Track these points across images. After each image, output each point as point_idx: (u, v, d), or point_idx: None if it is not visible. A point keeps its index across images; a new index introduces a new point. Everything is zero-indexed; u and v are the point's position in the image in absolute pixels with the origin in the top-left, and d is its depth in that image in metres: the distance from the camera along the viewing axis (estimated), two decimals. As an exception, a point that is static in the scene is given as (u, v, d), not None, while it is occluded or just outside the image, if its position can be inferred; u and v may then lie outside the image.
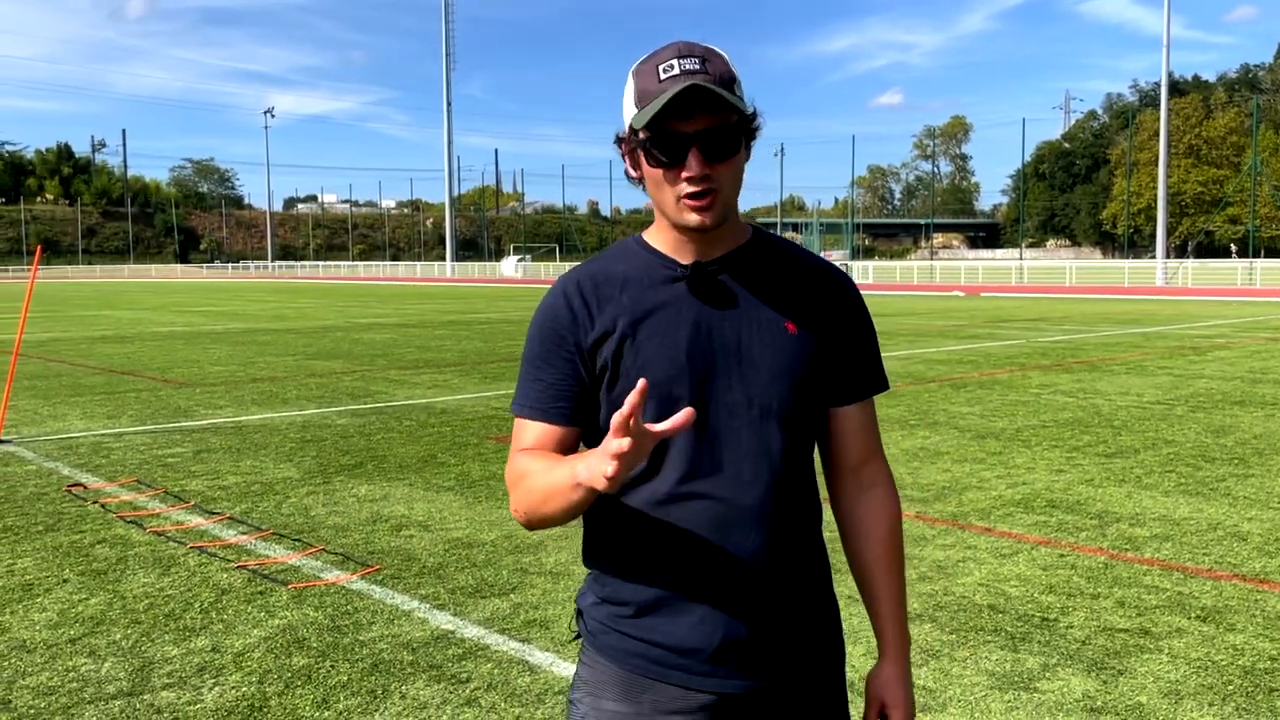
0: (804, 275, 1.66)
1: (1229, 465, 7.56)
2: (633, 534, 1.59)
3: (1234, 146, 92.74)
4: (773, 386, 1.58)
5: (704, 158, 1.50)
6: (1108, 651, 4.11)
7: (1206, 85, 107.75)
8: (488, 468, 7.70)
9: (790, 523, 1.61)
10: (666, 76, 1.49)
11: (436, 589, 4.96)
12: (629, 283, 1.61)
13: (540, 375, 1.61)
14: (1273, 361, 14.65)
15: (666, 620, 1.58)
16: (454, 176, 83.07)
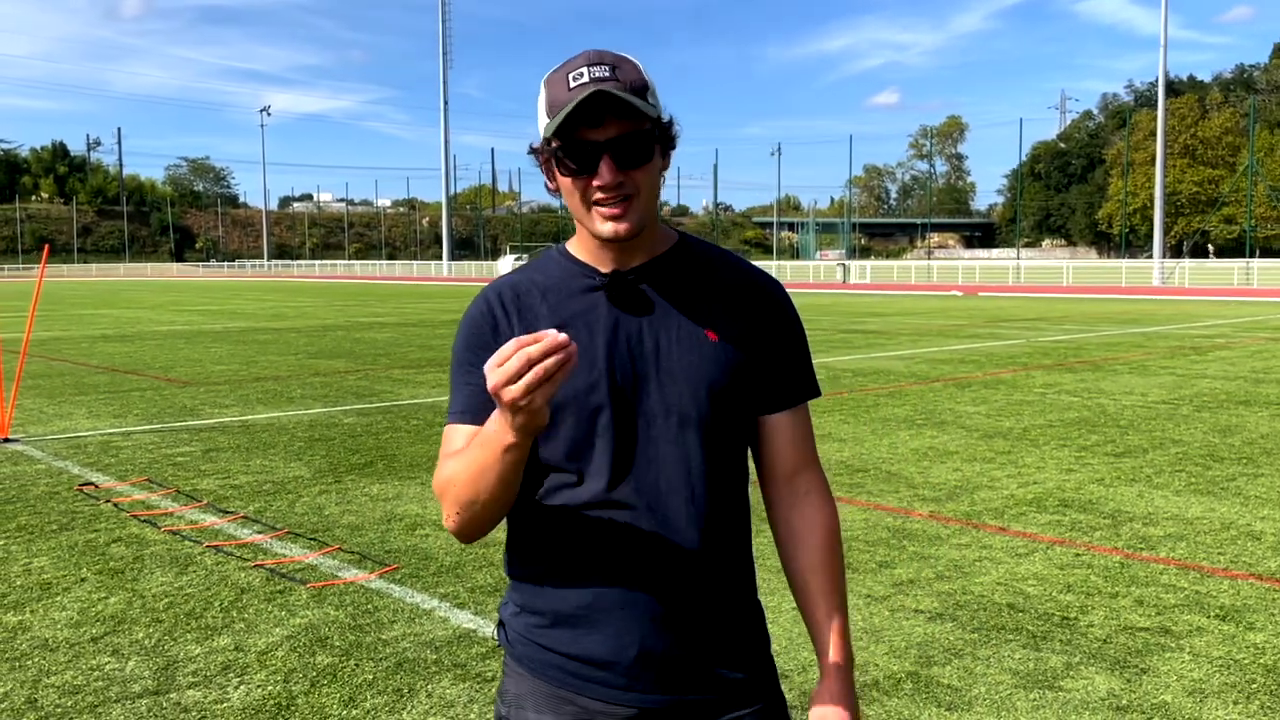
0: (729, 282, 1.63)
1: (1238, 465, 7.58)
2: (551, 543, 1.57)
3: (1229, 147, 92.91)
4: (691, 395, 1.55)
5: (616, 165, 1.49)
6: (1129, 650, 4.12)
7: (1202, 85, 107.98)
8: (498, 467, 7.69)
9: (712, 532, 1.57)
10: (576, 85, 1.48)
11: (455, 588, 4.96)
12: (549, 291, 1.60)
13: (469, 380, 1.58)
14: (1274, 361, 14.69)
15: (584, 632, 1.55)
16: (451, 175, 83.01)
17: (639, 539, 1.53)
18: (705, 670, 1.57)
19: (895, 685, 3.83)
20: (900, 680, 3.86)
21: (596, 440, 1.53)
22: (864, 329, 22.14)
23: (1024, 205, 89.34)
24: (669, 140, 1.56)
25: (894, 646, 4.19)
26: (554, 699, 1.58)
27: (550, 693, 1.58)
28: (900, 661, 4.03)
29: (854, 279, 54.63)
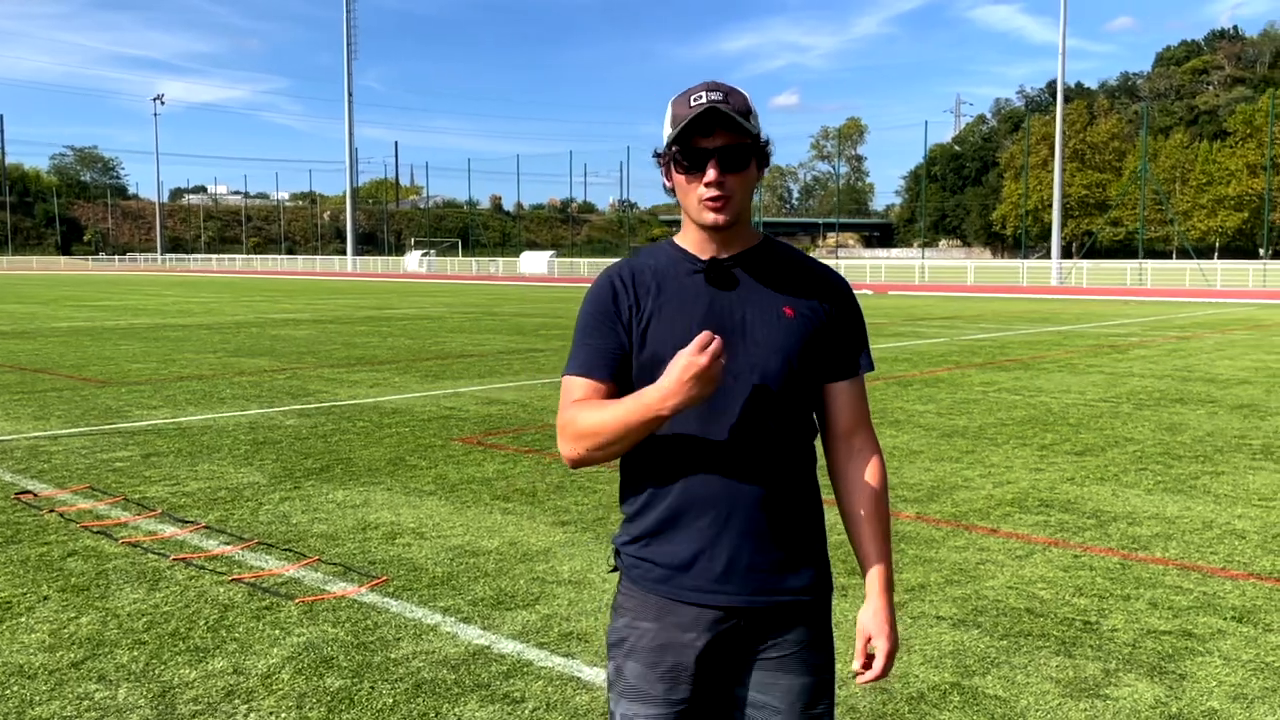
0: (804, 273, 1.99)
1: (1197, 463, 7.73)
2: (655, 476, 1.92)
3: (1116, 151, 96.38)
4: (769, 358, 1.90)
5: (720, 168, 1.86)
6: (1160, 655, 4.10)
7: (1089, 92, 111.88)
8: (463, 471, 7.43)
9: (782, 470, 1.92)
10: (695, 104, 1.86)
11: (456, 601, 4.72)
12: (659, 273, 1.96)
13: (590, 341, 1.94)
14: (1192, 359, 15.17)
15: (679, 546, 1.90)
16: (354, 169, 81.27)
17: (725, 469, 1.88)
18: (778, 578, 1.92)
19: (942, 697, 3.73)
20: (946, 692, 3.77)
21: None
22: (789, 327, 22.24)
23: (921, 206, 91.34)
24: (764, 156, 1.93)
25: (927, 656, 4.09)
26: (658, 609, 1.92)
27: (655, 604, 1.92)
28: (939, 672, 3.94)
29: (765, 277, 55.00)
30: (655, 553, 1.92)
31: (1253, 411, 10.22)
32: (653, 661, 1.92)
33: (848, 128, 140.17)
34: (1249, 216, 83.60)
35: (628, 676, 1.95)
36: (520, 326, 22.26)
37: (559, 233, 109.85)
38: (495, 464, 7.67)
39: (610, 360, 1.93)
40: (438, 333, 20.29)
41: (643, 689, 1.93)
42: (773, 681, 1.92)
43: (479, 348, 17.14)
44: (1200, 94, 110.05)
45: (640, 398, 1.79)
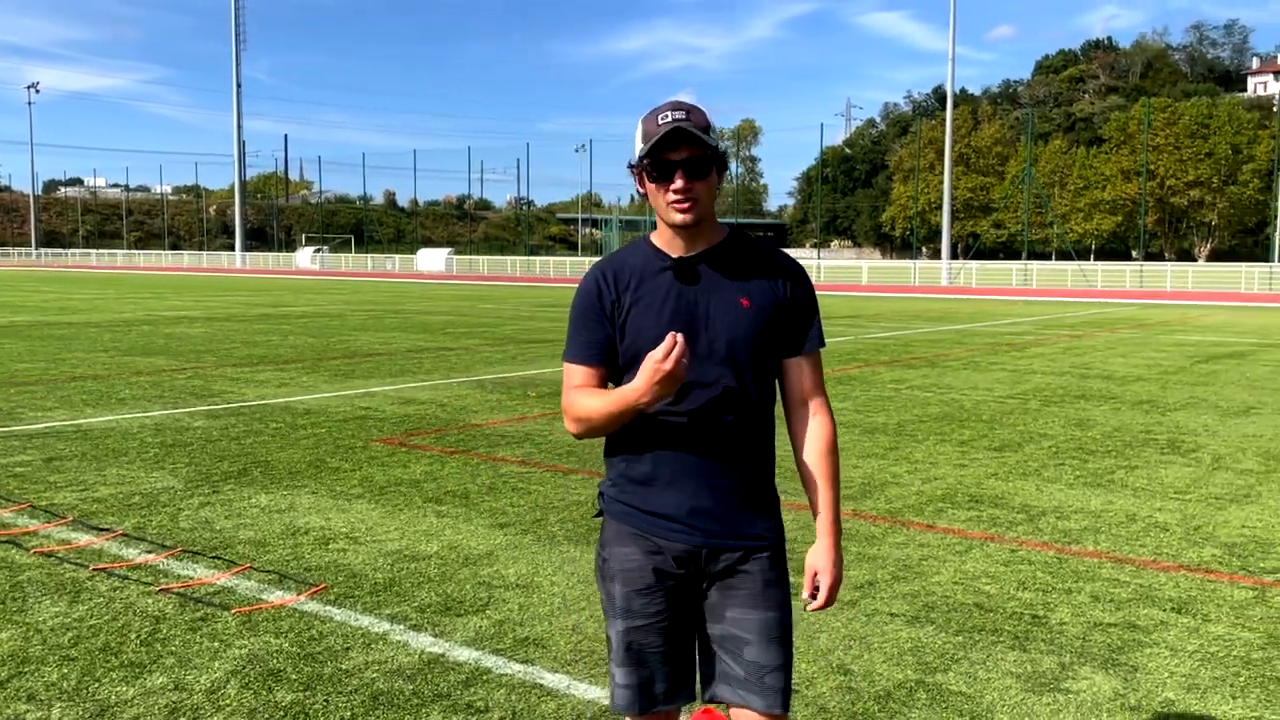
0: (762, 264, 2.31)
1: (1110, 458, 7.97)
2: (634, 440, 2.29)
3: (999, 156, 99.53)
4: (728, 343, 2.25)
5: (686, 176, 2.19)
6: (1110, 648, 4.19)
7: (973, 98, 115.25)
8: (389, 473, 7.23)
9: (741, 435, 2.27)
10: (663, 122, 2.18)
11: (402, 608, 4.56)
12: (636, 270, 2.30)
13: (581, 334, 2.32)
14: (1088, 357, 15.71)
15: (655, 493, 2.28)
16: (243, 162, 78.89)
17: (692, 434, 2.25)
18: (736, 525, 2.29)
19: (909, 695, 3.74)
20: (912, 689, 3.78)
21: None
22: (696, 326, 22.35)
23: (813, 208, 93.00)
24: (723, 163, 2.26)
25: (888, 654, 4.10)
26: (634, 538, 2.32)
27: (632, 534, 2.32)
28: (902, 670, 3.95)
29: (665, 276, 55.29)
30: (632, 497, 2.32)
31: (1153, 407, 10.60)
32: (630, 580, 2.30)
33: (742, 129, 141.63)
34: (1123, 220, 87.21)
35: (615, 597, 2.33)
36: (426, 325, 21.88)
37: (455, 229, 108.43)
38: (422, 465, 7.48)
39: (599, 349, 2.31)
40: (341, 331, 19.81)
41: (620, 604, 2.31)
42: (742, 616, 2.28)
43: (386, 346, 16.78)
44: (1077, 101, 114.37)
45: (622, 392, 2.17)
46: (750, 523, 2.30)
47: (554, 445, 8.28)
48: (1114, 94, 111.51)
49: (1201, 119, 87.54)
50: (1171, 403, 10.94)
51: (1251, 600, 4.76)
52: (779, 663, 2.28)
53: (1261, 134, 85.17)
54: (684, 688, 2.33)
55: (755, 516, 2.31)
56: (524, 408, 10.30)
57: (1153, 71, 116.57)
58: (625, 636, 2.30)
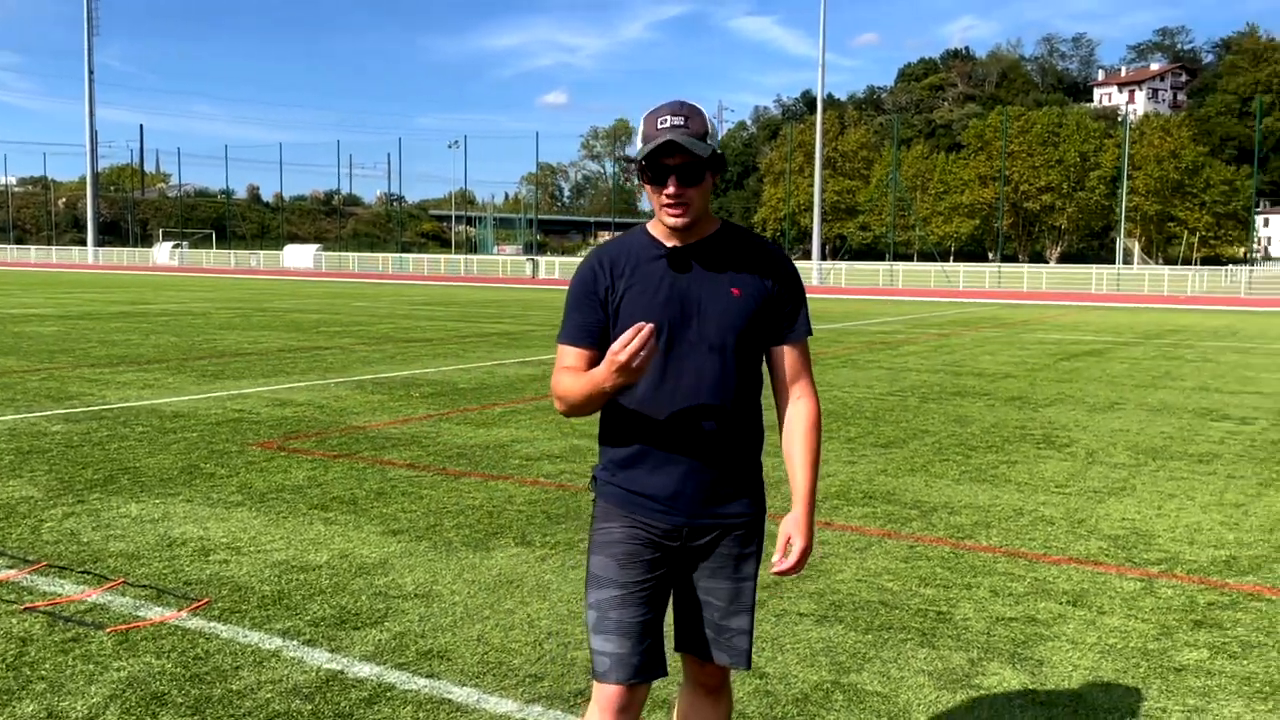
0: (752, 255, 2.41)
1: (991, 453, 8.18)
2: (626, 422, 2.42)
3: (864, 160, 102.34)
4: (718, 331, 2.35)
5: (679, 182, 2.28)
6: (1014, 642, 4.24)
7: (839, 103, 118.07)
8: (270, 478, 6.90)
9: (727, 421, 2.38)
10: (661, 127, 2.27)
11: (294, 622, 4.32)
12: (632, 257, 2.41)
13: (574, 316, 2.42)
14: (958, 355, 16.19)
15: (642, 475, 2.41)
16: (95, 153, 75.21)
17: (680, 419, 2.36)
18: (717, 505, 2.42)
19: (826, 697, 3.70)
20: (829, 691, 3.74)
21: (658, 357, 2.33)
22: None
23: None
24: (718, 166, 2.35)
25: (801, 655, 4.07)
26: (620, 515, 2.44)
27: (619, 511, 2.45)
28: (816, 671, 3.92)
29: (543, 274, 55.08)
30: (623, 478, 2.45)
31: (1025, 403, 10.96)
32: (612, 553, 2.41)
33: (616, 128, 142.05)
34: (980, 223, 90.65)
35: (593, 568, 2.44)
36: (297, 323, 21.19)
37: (323, 225, 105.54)
38: (304, 470, 7.17)
39: (591, 332, 2.41)
40: (205, 329, 19.01)
41: (603, 575, 2.42)
42: (716, 585, 2.46)
43: (255, 345, 16.15)
44: (937, 109, 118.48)
45: (591, 375, 2.27)
46: (731, 503, 2.43)
47: (442, 448, 8.06)
48: (971, 102, 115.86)
49: (1052, 127, 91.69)
50: (1041, 399, 11.32)
51: (1140, 592, 4.90)
52: (746, 627, 2.49)
53: (1107, 143, 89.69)
54: (657, 666, 2.42)
55: (737, 497, 2.44)
56: (408, 409, 10.01)
57: (1007, 81, 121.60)
58: (606, 605, 2.40)
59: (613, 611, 2.39)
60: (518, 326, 21.37)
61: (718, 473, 2.40)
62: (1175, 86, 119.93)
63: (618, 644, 2.38)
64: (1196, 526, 6.06)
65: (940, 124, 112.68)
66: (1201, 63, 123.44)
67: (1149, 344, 18.89)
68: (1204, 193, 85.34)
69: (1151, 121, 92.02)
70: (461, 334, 19.18)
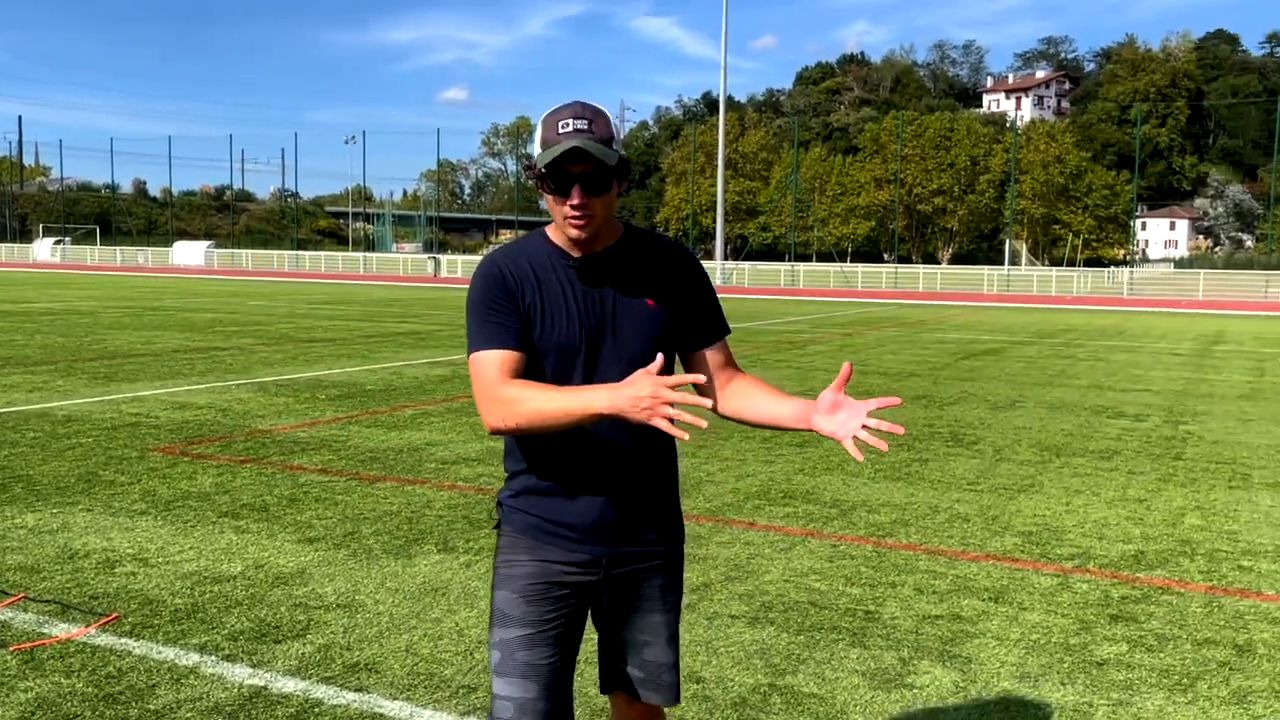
0: (661, 259, 2.27)
1: (904, 451, 8.32)
2: (540, 446, 2.22)
3: (764, 161, 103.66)
4: (637, 346, 2.20)
5: (584, 192, 2.09)
6: (942, 640, 4.30)
7: (739, 105, 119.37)
8: (174, 485, 6.64)
9: (646, 443, 2.24)
10: (563, 131, 2.07)
11: (212, 637, 4.15)
12: (537, 266, 2.20)
13: (492, 319, 2.16)
14: (863, 354, 16.47)
15: (559, 504, 2.23)
16: (-31, 143, 71.62)
17: (595, 443, 2.18)
18: (638, 534, 2.27)
19: (764, 700, 3.69)
20: (766, 694, 3.74)
21: (572, 375, 2.18)
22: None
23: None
24: (625, 173, 2.16)
25: (736, 658, 4.06)
26: (531, 547, 2.25)
27: (530, 544, 2.25)
28: (752, 674, 3.91)
29: (445, 273, 54.42)
30: (532, 505, 2.26)
31: (930, 402, 11.19)
32: (520, 588, 2.23)
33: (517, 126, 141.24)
34: (876, 224, 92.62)
35: (498, 604, 2.26)
36: (192, 322, 20.51)
37: (214, 221, 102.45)
38: (210, 477, 6.91)
39: (515, 333, 2.16)
40: (95, 329, 18.27)
41: (509, 613, 2.23)
42: (641, 620, 2.31)
43: (149, 346, 15.58)
44: (834, 112, 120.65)
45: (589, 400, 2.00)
46: (652, 531, 2.30)
47: (354, 451, 7.86)
48: (867, 106, 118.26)
49: (944, 132, 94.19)
50: (945, 397, 11.58)
51: (1057, 587, 5.02)
52: (673, 661, 2.37)
53: (996, 148, 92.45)
54: (566, 715, 2.27)
55: (659, 524, 2.32)
56: (315, 411, 9.76)
57: (901, 86, 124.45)
58: (512, 646, 2.22)
59: (520, 652, 2.21)
60: (423, 326, 21.05)
61: (640, 498, 2.26)
62: (1059, 94, 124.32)
63: (524, 688, 2.20)
64: (1104, 522, 6.25)
65: (837, 127, 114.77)
66: (1084, 71, 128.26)
67: (1042, 343, 19.50)
68: (1086, 196, 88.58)
69: (1037, 127, 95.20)
70: (365, 334, 18.81)
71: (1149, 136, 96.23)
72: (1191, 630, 4.46)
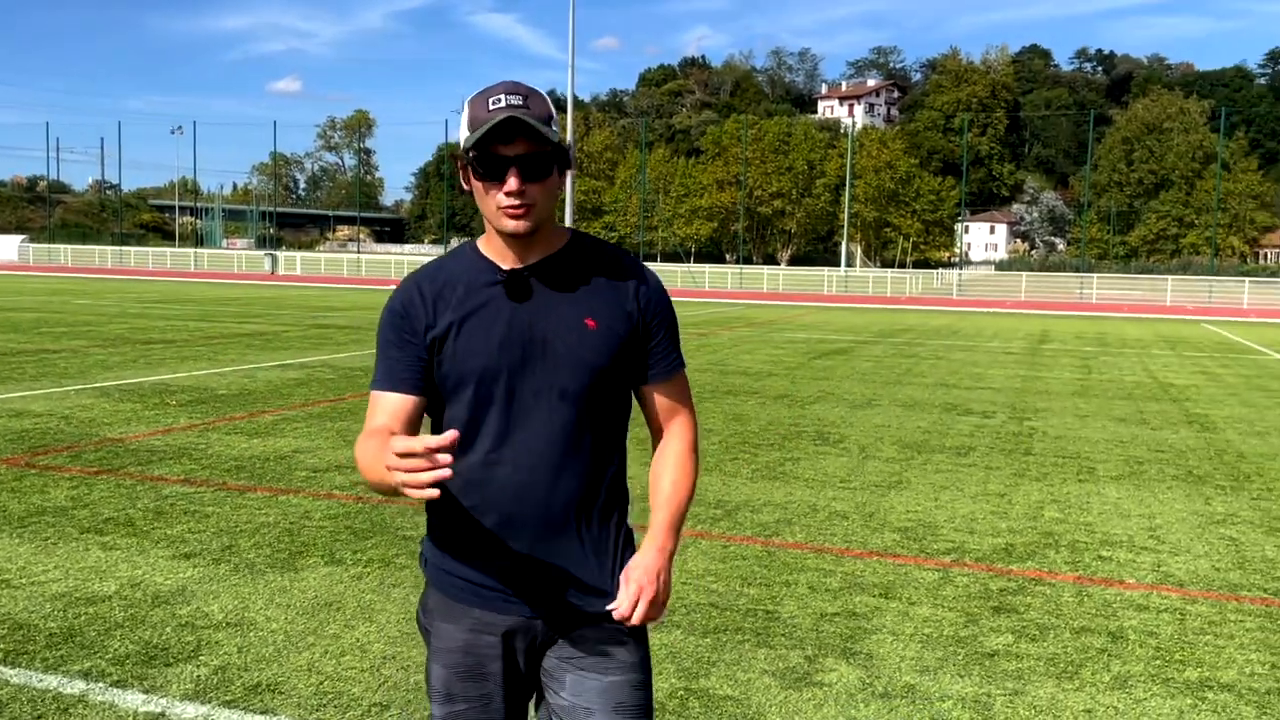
0: (611, 276, 1.97)
1: (775, 450, 8.51)
2: (458, 490, 1.92)
3: (609, 161, 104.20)
4: (570, 373, 1.91)
5: (521, 177, 1.84)
6: (842, 637, 4.42)
7: (583, 105, 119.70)
8: (25, 500, 6.22)
9: (583, 483, 1.95)
10: (494, 108, 1.83)
11: (95, 662, 3.91)
12: (460, 284, 1.94)
13: (390, 354, 1.94)
14: (721, 354, 16.76)
15: (481, 557, 1.94)
16: None
17: (519, 489, 1.90)
18: (578, 587, 1.95)
19: (682, 705, 3.72)
20: (684, 699, 3.77)
21: (491, 409, 1.91)
22: (333, 324, 21.41)
23: (431, 204, 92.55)
24: (566, 162, 1.90)
25: (647, 662, 4.07)
26: (457, 611, 1.98)
27: (454, 606, 1.99)
28: (665, 678, 3.93)
29: (283, 270, 52.63)
30: (455, 565, 1.98)
31: (792, 401, 11.48)
32: (454, 663, 1.99)
33: (355, 119, 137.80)
34: (718, 225, 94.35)
35: (434, 680, 2.02)
36: (13, 322, 19.22)
37: (26, 214, 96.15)
38: (64, 490, 6.50)
39: (413, 372, 1.94)
40: (-97, 330, 16.91)
41: (447, 690, 2.00)
42: (583, 683, 1.97)
43: (-30, 348, 14.52)
44: (676, 114, 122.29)
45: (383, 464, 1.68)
46: (595, 582, 1.98)
47: (217, 459, 7.53)
48: (708, 109, 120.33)
49: (783, 136, 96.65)
50: (805, 396, 11.90)
51: (940, 581, 5.23)
52: None
53: (831, 153, 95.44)
54: None
55: (601, 574, 1.99)
56: (167, 418, 9.29)
57: (740, 90, 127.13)
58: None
59: None
60: (269, 326, 20.32)
61: (580, 545, 1.96)
62: (889, 102, 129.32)
63: None
64: (972, 516, 6.54)
65: (680, 129, 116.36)
66: (911, 81, 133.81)
67: (886, 343, 20.26)
68: (915, 201, 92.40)
69: (869, 134, 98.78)
70: (207, 335, 18.02)
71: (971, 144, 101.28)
72: (1068, 619, 4.72)
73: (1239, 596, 5.11)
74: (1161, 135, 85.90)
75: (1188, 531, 6.31)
